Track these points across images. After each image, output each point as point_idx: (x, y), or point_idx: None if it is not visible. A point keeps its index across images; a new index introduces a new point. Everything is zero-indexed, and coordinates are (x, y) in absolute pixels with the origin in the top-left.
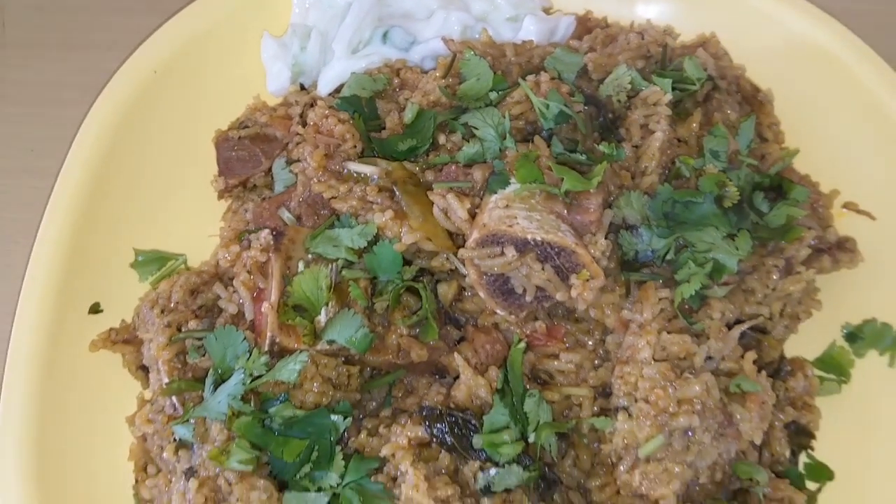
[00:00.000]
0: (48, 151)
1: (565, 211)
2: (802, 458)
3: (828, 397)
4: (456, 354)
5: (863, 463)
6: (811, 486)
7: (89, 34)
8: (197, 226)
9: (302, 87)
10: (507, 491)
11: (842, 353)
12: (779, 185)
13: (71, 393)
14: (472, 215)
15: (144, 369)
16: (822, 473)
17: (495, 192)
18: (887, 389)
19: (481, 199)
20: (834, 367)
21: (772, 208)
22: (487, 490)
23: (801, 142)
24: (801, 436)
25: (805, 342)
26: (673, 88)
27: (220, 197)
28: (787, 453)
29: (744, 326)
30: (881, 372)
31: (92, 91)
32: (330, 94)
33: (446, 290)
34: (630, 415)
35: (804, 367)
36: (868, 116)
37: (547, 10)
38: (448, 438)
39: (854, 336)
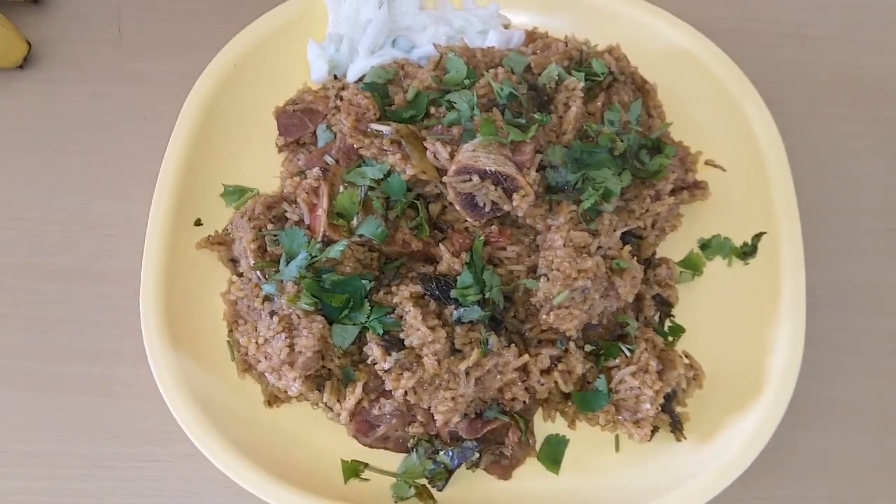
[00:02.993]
0: (157, 119)
1: (510, 153)
2: (668, 323)
3: (685, 284)
4: (441, 246)
5: (705, 325)
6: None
7: (186, 37)
8: (265, 170)
9: (335, 77)
10: (472, 322)
11: (697, 257)
12: (658, 146)
13: (184, 277)
14: (452, 156)
15: (233, 261)
16: (677, 330)
17: (466, 143)
18: (724, 279)
19: (457, 147)
20: (691, 266)
21: (651, 160)
22: (459, 321)
23: (676, 119)
24: (664, 305)
25: (672, 251)
26: (585, 79)
27: (280, 150)
28: (656, 318)
29: (624, 228)
30: (722, 269)
31: (190, 78)
32: (355, 82)
33: (435, 206)
34: (548, 279)
35: (668, 262)
36: (722, 101)
37: (506, 26)
38: (435, 292)
39: (705, 246)
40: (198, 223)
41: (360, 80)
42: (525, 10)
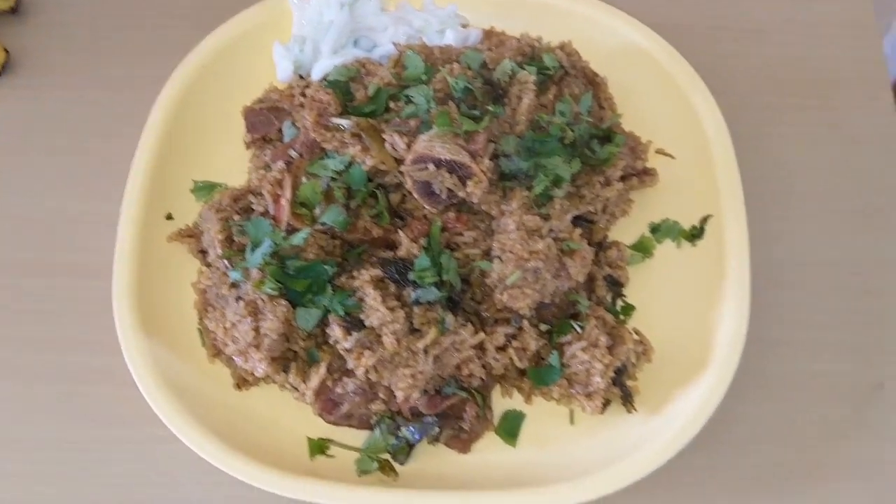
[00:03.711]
0: (133, 122)
1: (464, 143)
2: (619, 303)
3: (636, 266)
4: (400, 232)
5: (656, 303)
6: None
7: (161, 43)
8: (234, 166)
9: (300, 77)
10: (429, 303)
11: (647, 240)
12: (608, 136)
13: (156, 269)
14: (409, 147)
15: (203, 252)
16: (628, 309)
17: (423, 134)
18: (674, 261)
19: (414, 138)
20: (642, 249)
21: (601, 149)
22: (417, 302)
23: (627, 111)
24: (615, 285)
25: (624, 234)
26: (538, 73)
27: (248, 147)
28: (608, 298)
29: (574, 212)
30: (672, 252)
31: (161, 80)
32: (319, 81)
33: (395, 196)
34: (501, 261)
35: (618, 245)
36: (671, 94)
37: (464, 25)
38: (394, 274)
39: (655, 229)
40: (169, 217)
41: (324, 78)
42: (482, 10)
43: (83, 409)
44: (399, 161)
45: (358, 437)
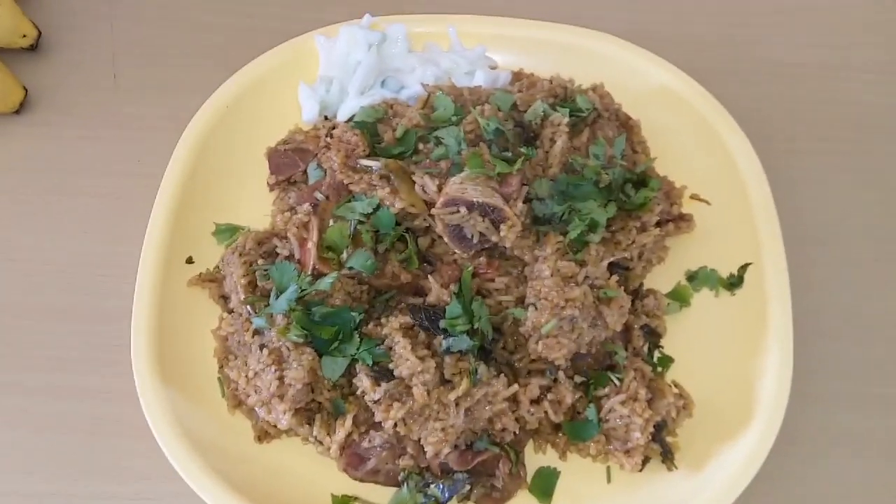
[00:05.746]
0: (152, 162)
1: (497, 185)
2: (657, 354)
3: (673, 315)
4: (430, 278)
5: (694, 354)
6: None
7: (181, 81)
8: (257, 209)
9: (326, 118)
10: (461, 352)
11: (684, 288)
12: (643, 180)
13: (175, 314)
14: (440, 190)
15: (224, 298)
16: (666, 360)
17: (454, 176)
18: (712, 310)
19: (445, 180)
20: (678, 298)
21: (636, 193)
22: (448, 351)
23: (661, 155)
24: (652, 336)
25: (660, 282)
26: (570, 115)
27: (272, 189)
28: (645, 348)
29: (610, 258)
30: (710, 300)
31: (184, 122)
32: (345, 122)
33: (424, 240)
34: (536, 308)
35: (655, 293)
36: (706, 137)
37: (493, 67)
38: (424, 322)
39: (692, 277)
40: (189, 261)
41: (351, 119)
42: (511, 51)
43: (97, 462)
44: (429, 204)
45: (385, 494)
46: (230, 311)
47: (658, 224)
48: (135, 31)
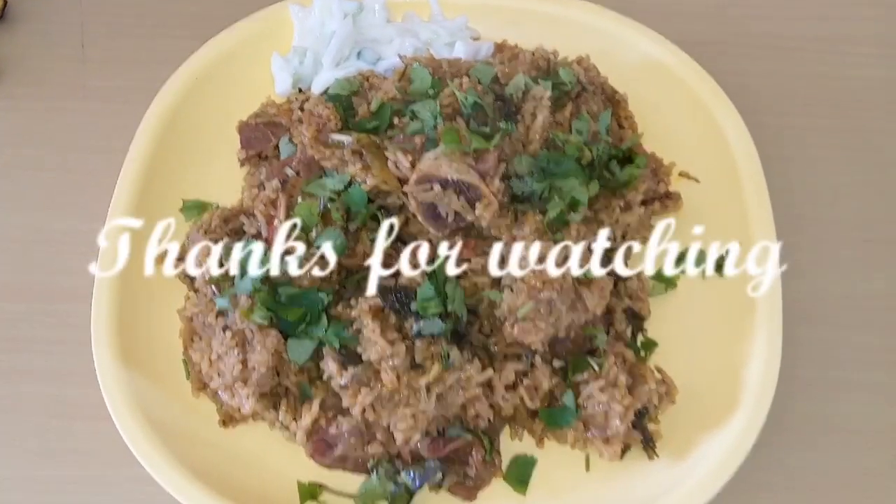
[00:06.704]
0: (120, 136)
1: (473, 162)
2: (640, 338)
3: (658, 297)
4: (402, 258)
5: (680, 339)
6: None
7: (151, 53)
8: (229, 185)
9: (300, 90)
10: (432, 335)
11: None
12: (629, 157)
13: (139, 294)
14: (413, 166)
15: (191, 278)
16: (650, 345)
17: (428, 151)
18: (699, 292)
19: (419, 156)
20: (664, 280)
21: (621, 170)
22: (419, 334)
23: (649, 130)
24: (635, 319)
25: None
26: (553, 89)
27: (242, 164)
28: (628, 332)
29: (592, 239)
30: (697, 282)
31: (152, 92)
32: (320, 94)
33: (397, 218)
34: (512, 291)
35: (639, 274)
36: (696, 112)
37: (475, 38)
38: (395, 304)
39: (679, 258)
40: None
41: (325, 92)
42: (494, 21)
43: (56, 446)
44: (402, 181)
45: (353, 481)
46: (195, 291)
47: (644, 203)
48: None
